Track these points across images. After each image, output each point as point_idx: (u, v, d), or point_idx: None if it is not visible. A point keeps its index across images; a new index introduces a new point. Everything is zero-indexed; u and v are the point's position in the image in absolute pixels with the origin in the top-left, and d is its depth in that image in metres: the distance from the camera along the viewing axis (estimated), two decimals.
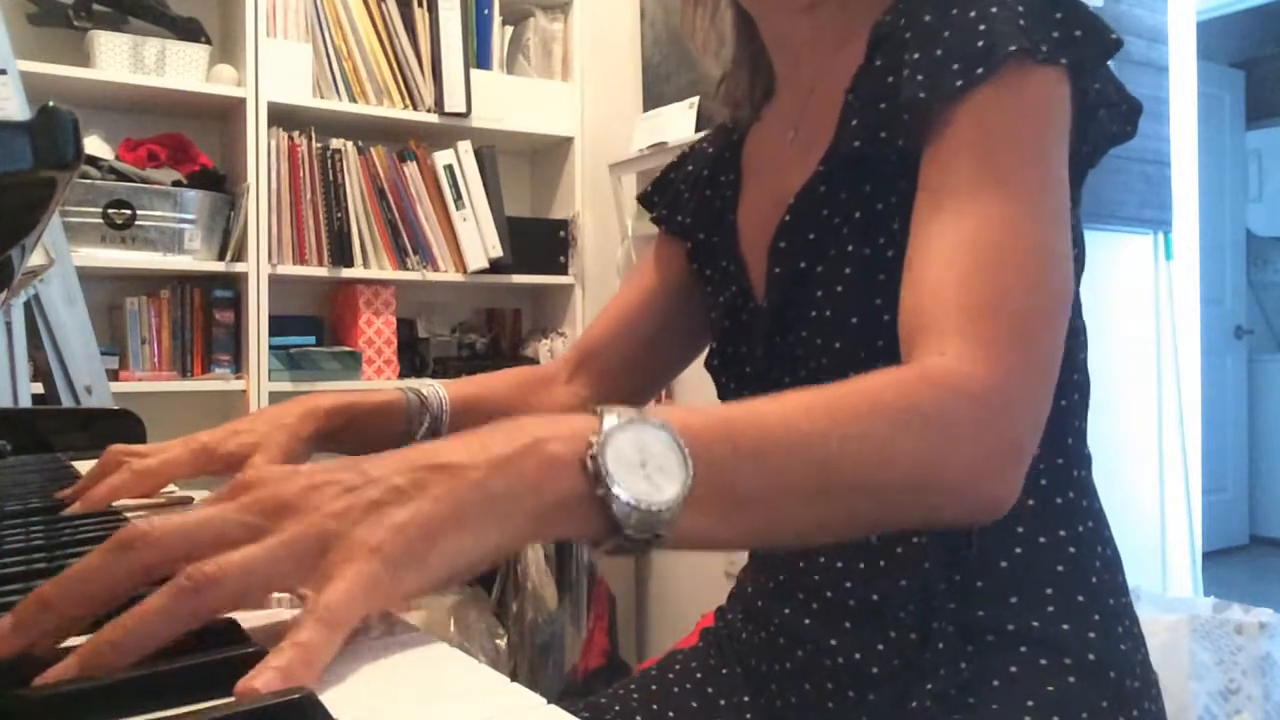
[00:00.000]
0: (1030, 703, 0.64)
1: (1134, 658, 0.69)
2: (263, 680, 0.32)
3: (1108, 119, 0.67)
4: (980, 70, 0.60)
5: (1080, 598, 0.68)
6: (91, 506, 0.66)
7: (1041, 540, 0.68)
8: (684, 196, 0.90)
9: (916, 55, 0.63)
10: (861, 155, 0.67)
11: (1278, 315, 5.22)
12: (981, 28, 0.61)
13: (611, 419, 0.43)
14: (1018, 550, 0.68)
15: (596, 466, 0.41)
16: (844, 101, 0.70)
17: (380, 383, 2.43)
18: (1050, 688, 0.65)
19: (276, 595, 0.42)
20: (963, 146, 0.61)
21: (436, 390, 0.86)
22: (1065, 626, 0.66)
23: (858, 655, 0.70)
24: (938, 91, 0.61)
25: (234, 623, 0.39)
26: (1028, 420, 0.55)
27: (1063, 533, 0.69)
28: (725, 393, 0.84)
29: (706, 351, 0.86)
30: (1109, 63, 0.66)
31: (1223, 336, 4.78)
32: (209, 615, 0.36)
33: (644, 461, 0.43)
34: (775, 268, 0.74)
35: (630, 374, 0.94)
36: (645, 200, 0.97)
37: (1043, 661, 0.66)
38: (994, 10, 0.61)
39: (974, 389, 0.53)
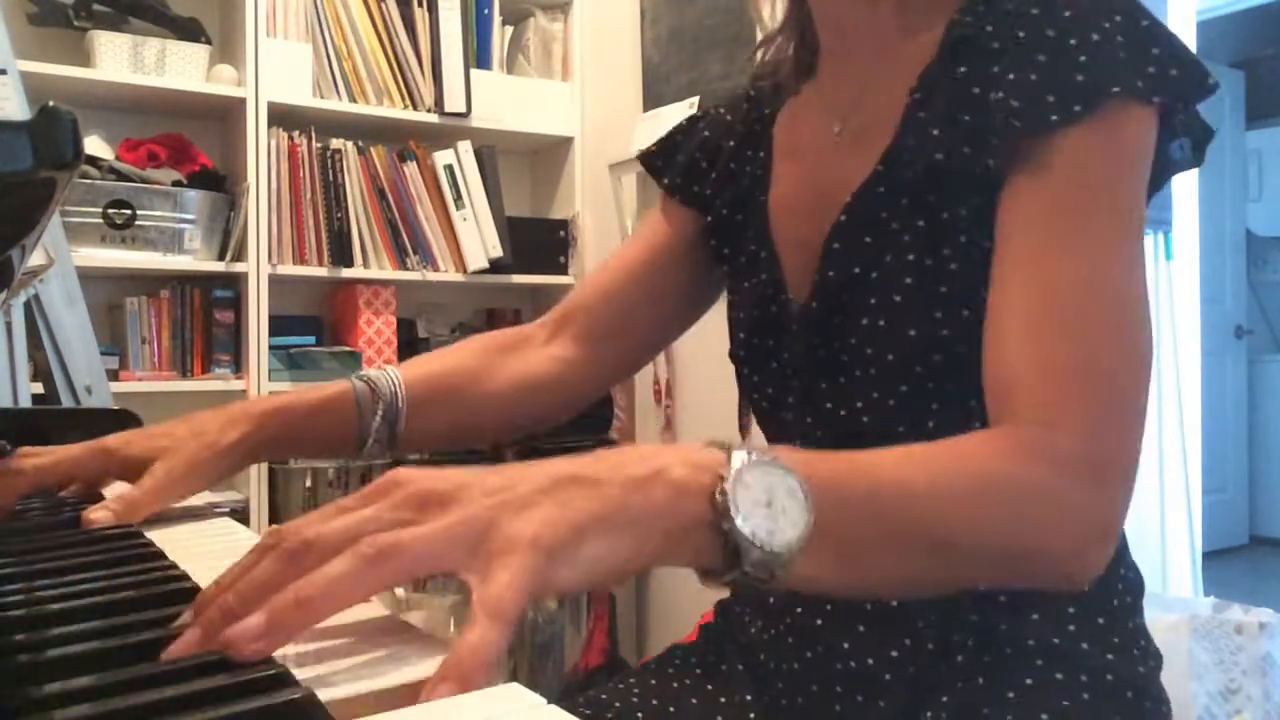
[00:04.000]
0: (1044, 716, 0.64)
1: (1151, 679, 0.68)
2: (445, 688, 0.34)
3: (1179, 146, 0.66)
4: (1078, 108, 0.59)
5: (1101, 620, 0.67)
6: None
7: None
8: (701, 165, 0.85)
9: (1011, 76, 0.61)
10: (941, 168, 0.64)
11: (1278, 315, 5.22)
12: (1082, 59, 0.59)
13: (741, 455, 0.45)
14: None
15: (726, 500, 0.43)
16: (909, 100, 0.67)
17: None
18: (1065, 702, 0.64)
19: None
20: (1052, 190, 0.60)
21: (389, 375, 0.78)
22: (1084, 645, 0.66)
23: (870, 660, 0.69)
24: (1032, 122, 0.60)
25: None
26: (1125, 493, 0.56)
27: None
28: (747, 384, 0.80)
29: (730, 343, 0.81)
30: None
31: (1223, 336, 4.77)
32: (387, 583, 0.38)
33: (770, 501, 0.44)
34: (829, 270, 0.70)
35: (618, 338, 0.87)
36: (648, 162, 0.91)
37: (1059, 676, 0.65)
38: (1095, 39, 0.59)
39: (1081, 465, 0.54)
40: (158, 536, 0.60)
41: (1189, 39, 2.36)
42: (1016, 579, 0.58)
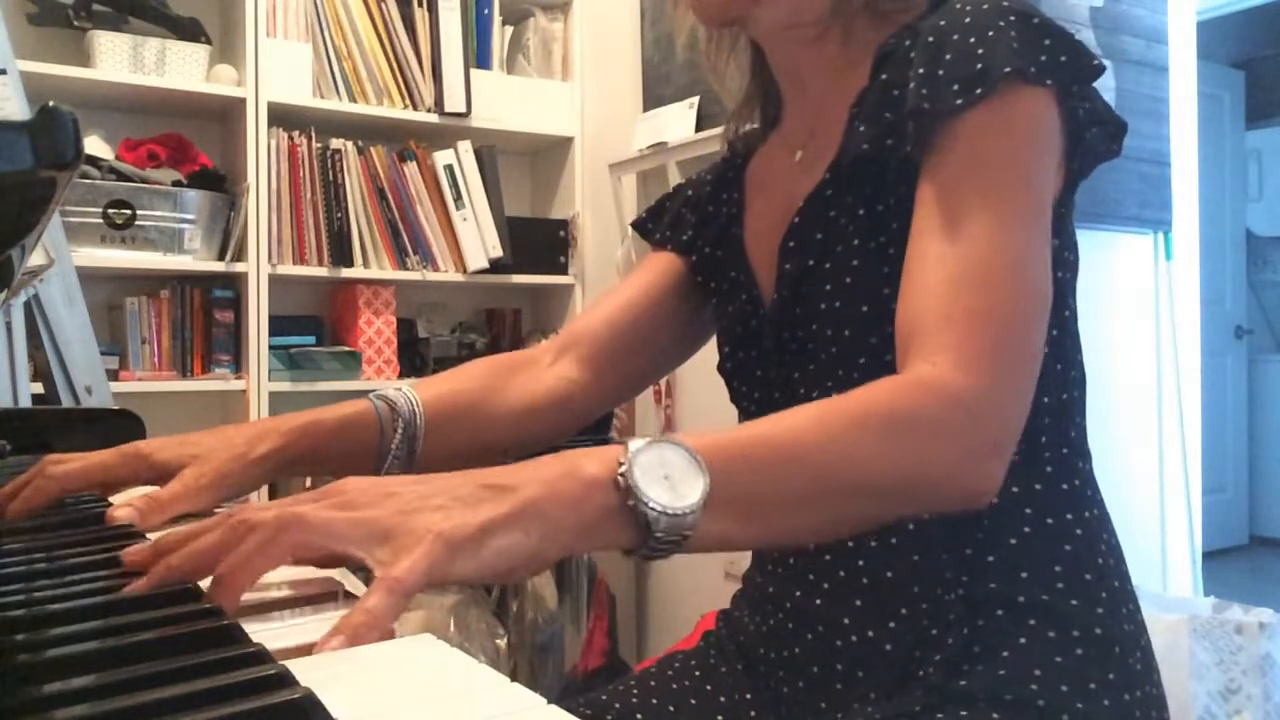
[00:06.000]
0: (1038, 671, 0.67)
1: (1138, 640, 0.71)
2: (336, 641, 0.40)
3: (1096, 137, 0.72)
4: (979, 91, 0.66)
5: (1088, 576, 0.70)
6: (14, 519, 0.67)
7: (1049, 522, 0.71)
8: (686, 217, 0.93)
9: (921, 70, 0.68)
10: (867, 158, 0.72)
11: (1278, 315, 5.22)
12: (980, 51, 0.67)
13: (636, 443, 0.51)
14: (1026, 529, 0.70)
15: (627, 482, 0.49)
16: (849, 115, 0.75)
17: (380, 383, 2.43)
18: (1058, 659, 0.67)
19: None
20: (958, 166, 0.67)
21: (406, 394, 0.83)
22: (1074, 602, 0.69)
23: (870, 633, 0.71)
24: (939, 105, 0.67)
25: (237, 625, 0.39)
26: (1009, 420, 0.62)
27: (1069, 516, 0.72)
28: (737, 395, 0.86)
29: (719, 357, 0.87)
30: (1094, 86, 0.71)
31: (1223, 336, 4.77)
32: (288, 550, 0.45)
33: (667, 474, 0.51)
34: (785, 264, 0.77)
35: (618, 367, 0.92)
36: (640, 227, 0.99)
37: (1051, 634, 0.68)
38: (991, 34, 0.67)
39: (959, 395, 0.60)
40: (158, 537, 0.60)
41: (1189, 39, 2.36)
42: (919, 506, 0.63)
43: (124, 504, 0.65)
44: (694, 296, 0.93)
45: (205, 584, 0.47)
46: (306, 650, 0.40)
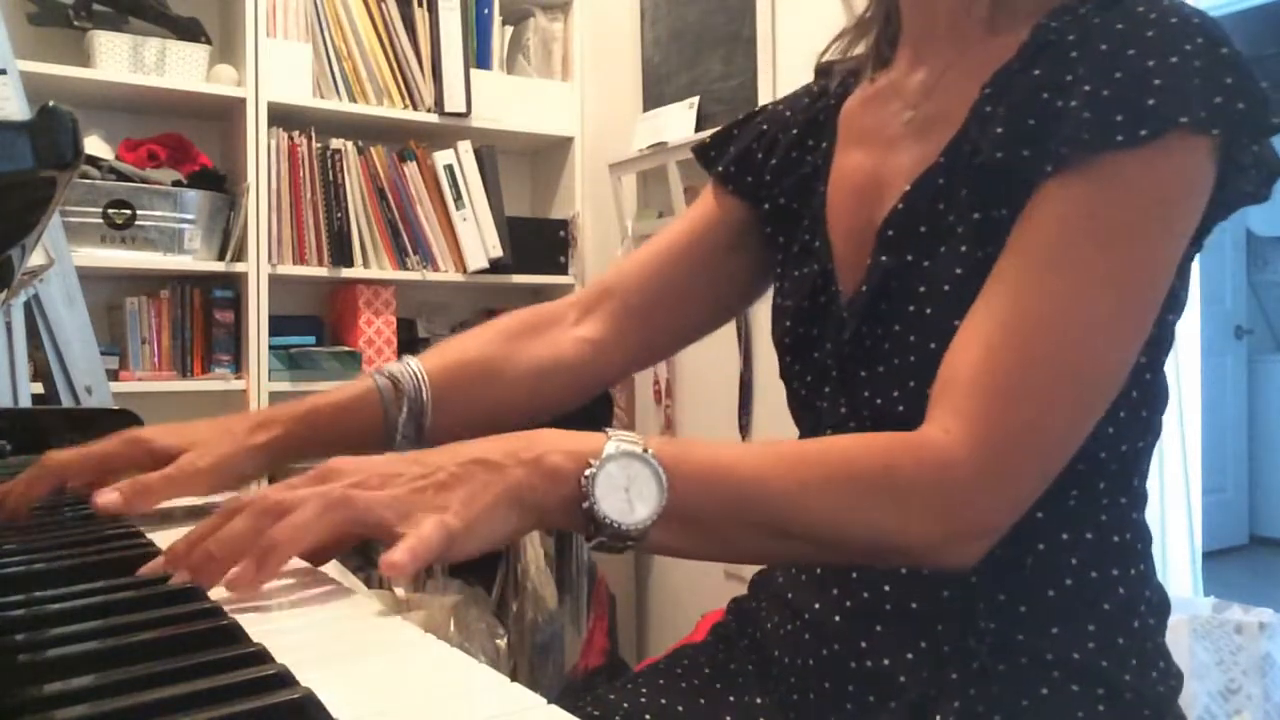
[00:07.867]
0: None
1: (1171, 698, 0.68)
2: (399, 554, 0.47)
3: (1250, 180, 0.64)
4: (1143, 133, 0.58)
5: (1121, 640, 0.66)
6: (14, 510, 0.67)
7: (1093, 575, 0.66)
8: (757, 156, 0.84)
9: (1087, 88, 0.61)
10: (999, 164, 0.64)
11: (1278, 315, 5.22)
12: (1156, 82, 0.59)
13: (612, 445, 0.55)
14: (1068, 582, 0.66)
15: (588, 485, 0.54)
16: (980, 95, 0.67)
17: None
18: (1080, 714, 0.63)
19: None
20: (1078, 204, 0.60)
21: (412, 369, 0.79)
22: (1104, 663, 0.65)
23: (886, 661, 0.68)
24: (1099, 139, 0.59)
25: (237, 625, 0.39)
26: (1003, 504, 0.59)
27: (1115, 572, 0.67)
28: (789, 373, 0.79)
29: (774, 326, 0.81)
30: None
31: (1223, 336, 4.77)
32: (338, 526, 0.50)
33: (628, 486, 0.54)
34: (881, 256, 0.70)
35: (651, 323, 0.86)
36: (701, 154, 0.90)
37: (1075, 688, 0.64)
38: (1173, 61, 0.59)
39: (959, 474, 0.57)
40: (159, 537, 0.60)
41: None
42: (879, 564, 0.65)
43: (109, 489, 0.64)
44: (747, 249, 0.85)
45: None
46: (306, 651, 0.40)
